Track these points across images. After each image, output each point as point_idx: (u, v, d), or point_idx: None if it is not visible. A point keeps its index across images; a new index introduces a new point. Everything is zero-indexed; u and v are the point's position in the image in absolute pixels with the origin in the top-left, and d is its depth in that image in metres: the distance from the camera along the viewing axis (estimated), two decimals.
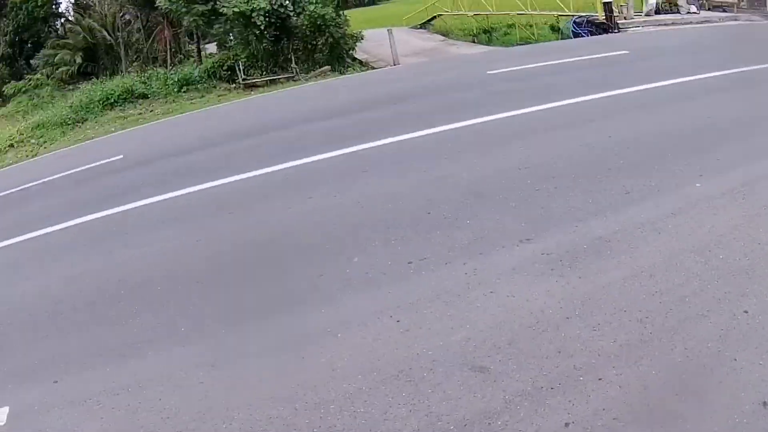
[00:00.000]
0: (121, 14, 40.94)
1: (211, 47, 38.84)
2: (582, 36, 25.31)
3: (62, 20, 45.74)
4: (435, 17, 38.96)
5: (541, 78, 14.48)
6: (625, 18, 25.45)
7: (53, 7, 44.00)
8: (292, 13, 26.76)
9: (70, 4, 44.91)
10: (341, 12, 28.65)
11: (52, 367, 5.93)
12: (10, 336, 6.81)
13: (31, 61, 42.67)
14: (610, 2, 24.84)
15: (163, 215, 9.59)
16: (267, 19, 26.20)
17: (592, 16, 25.81)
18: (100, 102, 27.79)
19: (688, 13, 25.07)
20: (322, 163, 10.01)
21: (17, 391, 5.67)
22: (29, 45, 43.74)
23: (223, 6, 26.49)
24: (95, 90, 29.30)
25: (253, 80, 27.26)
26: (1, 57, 43.13)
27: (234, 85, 27.71)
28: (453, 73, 19.14)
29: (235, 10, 26.05)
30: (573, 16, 26.79)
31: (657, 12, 25.71)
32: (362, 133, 11.17)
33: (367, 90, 19.26)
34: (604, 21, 24.92)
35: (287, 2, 26.43)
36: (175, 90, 28.22)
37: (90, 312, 6.85)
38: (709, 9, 26.41)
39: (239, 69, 27.80)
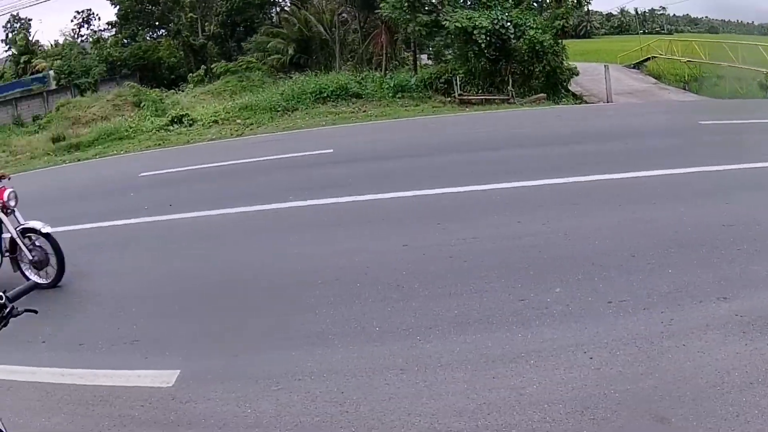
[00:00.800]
0: (339, 12, 41.26)
1: (424, 57, 38.74)
2: None
3: (277, 9, 46.40)
4: (649, 58, 37.48)
5: (751, 135, 13.62)
6: None
7: None
8: (512, 36, 26.35)
9: None
10: (559, 41, 27.76)
11: (234, 340, 6.00)
12: (199, 303, 7.01)
13: (242, 44, 43.36)
14: None
15: (368, 214, 9.77)
16: (488, 38, 25.94)
17: None
18: (312, 94, 27.75)
19: None
20: (531, 190, 9.94)
21: (193, 357, 5.71)
22: (241, 28, 44.43)
23: (445, 19, 26.47)
24: (308, 82, 29.36)
25: (469, 97, 26.78)
26: (211, 36, 44.34)
27: (449, 98, 27.23)
28: (664, 118, 18.52)
29: (457, 25, 26.05)
30: None
31: None
32: (573, 166, 11.10)
33: (582, 123, 18.87)
34: None
35: (508, 24, 26.10)
36: (390, 95, 27.95)
37: (288, 293, 6.98)
38: None
39: (456, 83, 27.35)
